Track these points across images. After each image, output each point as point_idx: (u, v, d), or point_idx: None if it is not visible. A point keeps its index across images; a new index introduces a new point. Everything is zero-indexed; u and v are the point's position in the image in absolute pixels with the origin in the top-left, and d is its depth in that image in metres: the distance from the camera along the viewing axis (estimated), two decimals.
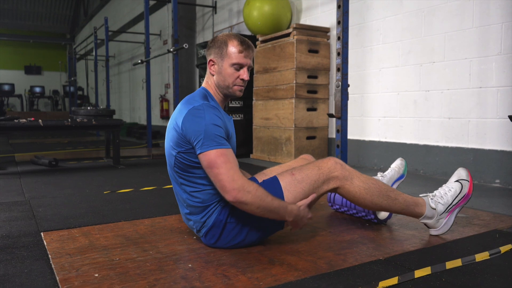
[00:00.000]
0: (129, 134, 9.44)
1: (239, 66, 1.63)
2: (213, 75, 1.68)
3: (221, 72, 1.65)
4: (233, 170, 1.47)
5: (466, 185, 1.81)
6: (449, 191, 1.80)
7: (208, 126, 1.50)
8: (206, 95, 1.66)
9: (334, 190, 1.69)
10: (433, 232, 1.83)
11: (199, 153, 1.51)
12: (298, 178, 1.63)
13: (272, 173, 1.87)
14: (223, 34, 1.68)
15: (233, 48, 1.62)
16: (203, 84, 1.74)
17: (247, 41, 1.65)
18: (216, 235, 1.62)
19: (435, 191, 1.83)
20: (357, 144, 4.30)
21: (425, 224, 1.83)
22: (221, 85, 1.67)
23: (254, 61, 4.97)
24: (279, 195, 1.59)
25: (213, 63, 1.67)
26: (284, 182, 1.62)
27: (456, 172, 1.87)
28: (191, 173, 1.60)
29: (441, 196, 1.79)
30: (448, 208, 1.79)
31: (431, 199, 1.79)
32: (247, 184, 1.46)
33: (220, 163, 1.47)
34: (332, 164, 1.66)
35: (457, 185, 1.82)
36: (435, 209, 1.77)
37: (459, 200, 1.80)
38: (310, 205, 1.65)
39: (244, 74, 1.64)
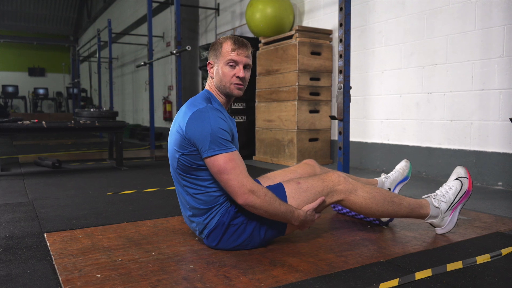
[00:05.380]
0: (132, 135, 9.47)
1: (234, 63, 1.65)
2: (212, 78, 1.72)
3: (218, 72, 1.68)
4: (243, 174, 1.52)
5: (466, 182, 1.86)
6: (450, 189, 1.85)
7: (214, 129, 1.51)
8: (209, 98, 1.68)
9: (339, 202, 1.72)
10: (439, 231, 1.86)
11: (206, 157, 1.53)
12: (303, 187, 1.66)
13: (275, 177, 1.89)
14: (221, 37, 1.72)
15: (227, 47, 1.65)
16: (206, 87, 1.76)
17: (242, 40, 1.68)
18: (218, 237, 1.63)
19: (436, 191, 1.87)
20: (359, 146, 4.31)
21: (431, 224, 1.86)
22: (219, 86, 1.69)
23: (256, 63, 4.98)
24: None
25: (211, 66, 1.71)
26: (289, 190, 1.65)
27: (454, 171, 1.92)
28: (194, 176, 1.61)
29: (443, 195, 1.84)
30: (451, 206, 1.83)
31: (434, 198, 1.83)
32: (256, 188, 1.51)
33: (230, 169, 1.50)
34: (335, 178, 1.70)
35: (457, 183, 1.86)
36: (438, 207, 1.81)
37: (461, 197, 1.84)
38: (317, 210, 1.68)
39: (239, 71, 1.65)
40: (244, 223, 1.61)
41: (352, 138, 4.29)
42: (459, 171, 1.90)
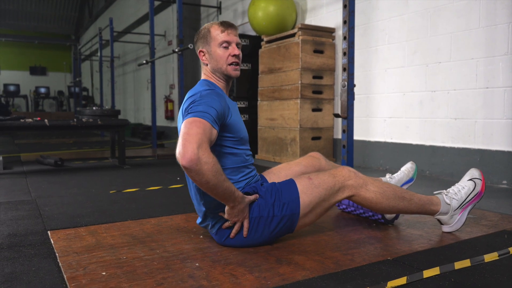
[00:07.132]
0: (134, 134, 9.47)
1: (227, 44, 1.67)
2: (207, 65, 1.72)
3: (212, 57, 1.68)
4: (202, 139, 1.36)
5: (479, 184, 1.85)
6: (462, 188, 1.84)
7: (204, 101, 1.50)
8: (209, 84, 1.68)
9: (349, 198, 1.70)
10: (446, 228, 1.85)
11: (183, 120, 1.46)
12: (315, 183, 1.64)
13: (280, 171, 1.88)
14: (205, 25, 1.74)
15: (216, 31, 1.68)
16: (202, 77, 1.77)
17: (227, 22, 1.71)
18: (228, 232, 1.62)
19: (448, 189, 1.87)
20: (362, 144, 4.29)
21: (439, 221, 1.85)
22: (216, 69, 1.70)
23: (259, 62, 4.97)
24: (295, 197, 1.61)
25: (203, 53, 1.72)
26: (301, 185, 1.63)
27: (468, 172, 1.92)
28: None
29: (455, 193, 1.83)
30: (462, 205, 1.82)
31: (446, 195, 1.83)
32: (208, 155, 1.36)
33: (195, 126, 1.39)
34: (346, 173, 1.68)
35: (471, 183, 1.86)
36: (449, 204, 1.80)
37: (473, 197, 1.84)
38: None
39: (234, 50, 1.67)
40: (256, 221, 1.60)
41: (355, 136, 4.28)
42: (473, 172, 1.89)
